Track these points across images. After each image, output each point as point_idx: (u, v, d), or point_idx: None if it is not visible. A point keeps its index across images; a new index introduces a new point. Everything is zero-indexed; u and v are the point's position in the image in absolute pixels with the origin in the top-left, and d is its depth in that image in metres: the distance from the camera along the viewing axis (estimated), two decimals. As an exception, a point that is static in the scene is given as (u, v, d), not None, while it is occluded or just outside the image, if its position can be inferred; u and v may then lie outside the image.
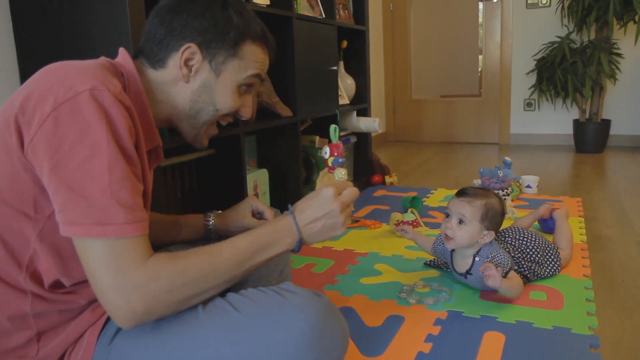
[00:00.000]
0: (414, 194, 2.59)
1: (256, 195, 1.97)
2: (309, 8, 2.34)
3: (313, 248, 1.89)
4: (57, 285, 0.84)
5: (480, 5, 4.47)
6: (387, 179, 2.94)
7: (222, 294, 0.88)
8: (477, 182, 2.60)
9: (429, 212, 2.33)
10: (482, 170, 2.62)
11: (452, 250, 1.48)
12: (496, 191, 2.46)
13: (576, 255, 1.71)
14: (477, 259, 1.41)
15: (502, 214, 1.43)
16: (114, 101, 0.76)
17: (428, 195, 2.66)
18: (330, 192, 0.93)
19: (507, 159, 2.68)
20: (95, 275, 0.74)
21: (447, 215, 1.43)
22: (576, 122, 3.97)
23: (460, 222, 1.39)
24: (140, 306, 0.75)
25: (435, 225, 2.12)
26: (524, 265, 1.48)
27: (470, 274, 1.43)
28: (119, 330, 0.84)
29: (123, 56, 0.92)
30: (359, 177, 2.90)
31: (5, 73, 1.41)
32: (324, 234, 0.94)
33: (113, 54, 0.93)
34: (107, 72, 0.83)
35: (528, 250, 1.52)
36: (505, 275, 1.37)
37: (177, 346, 0.81)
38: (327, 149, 1.07)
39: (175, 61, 0.92)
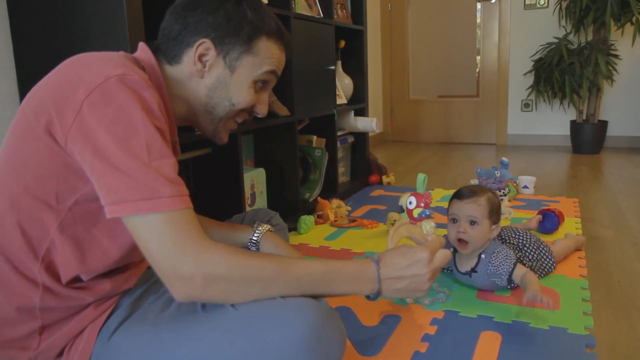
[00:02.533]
0: (411, 194, 2.59)
1: (253, 195, 1.96)
2: (307, 7, 2.34)
3: (310, 248, 1.89)
4: (73, 281, 0.84)
5: (478, 5, 4.48)
6: (385, 179, 2.95)
7: None
8: (474, 182, 2.60)
9: (426, 212, 2.33)
10: (479, 170, 2.62)
11: (455, 252, 1.48)
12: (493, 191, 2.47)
13: (573, 256, 1.72)
14: (482, 256, 1.42)
15: (500, 205, 1.45)
16: (144, 84, 0.78)
17: (425, 195, 2.66)
18: (425, 257, 0.90)
19: (504, 159, 2.69)
20: (152, 250, 0.74)
21: (454, 221, 1.42)
22: (573, 123, 3.98)
23: (472, 223, 1.39)
24: (198, 281, 0.75)
25: (432, 225, 2.12)
26: (525, 264, 1.48)
27: (476, 271, 1.43)
28: (118, 327, 0.85)
29: (143, 50, 0.93)
30: (357, 177, 2.91)
31: (2, 71, 1.41)
32: (404, 292, 0.92)
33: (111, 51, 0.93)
34: (131, 63, 0.84)
35: (525, 248, 1.52)
36: (513, 269, 1.37)
37: (174, 344, 0.81)
38: (412, 199, 0.99)
39: (189, 57, 0.93)
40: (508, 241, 1.53)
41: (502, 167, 2.67)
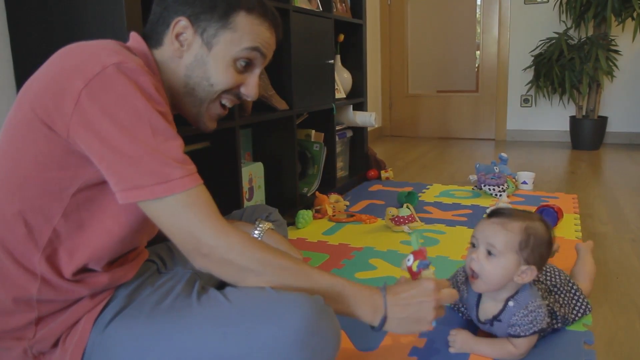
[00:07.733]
0: (409, 189, 2.59)
1: (251, 189, 1.96)
2: (306, 1, 2.33)
3: (308, 243, 1.89)
4: (79, 272, 0.84)
5: (478, 0, 4.46)
6: (383, 174, 2.94)
7: (220, 287, 0.88)
8: (473, 177, 2.60)
9: (424, 208, 2.33)
10: (478, 165, 2.62)
11: (479, 300, 1.15)
12: (492, 187, 2.46)
13: (571, 253, 1.71)
14: (510, 303, 1.08)
15: (550, 244, 1.08)
16: (140, 70, 0.78)
17: (424, 191, 2.66)
18: (432, 286, 0.93)
19: (504, 154, 2.68)
20: (173, 229, 0.79)
21: (473, 245, 1.09)
22: (573, 119, 3.97)
23: (489, 253, 1.05)
24: (214, 258, 0.80)
25: (431, 221, 2.12)
26: (556, 312, 1.19)
27: (499, 320, 1.09)
28: (113, 318, 0.86)
29: (135, 39, 0.93)
30: (355, 172, 2.90)
31: (-3, 63, 1.40)
32: (408, 322, 0.93)
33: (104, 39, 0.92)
34: (125, 50, 0.84)
35: (557, 290, 1.21)
36: (522, 335, 1.07)
37: (168, 335, 0.82)
38: (410, 257, 1.02)
39: (169, 38, 0.92)
40: (539, 280, 1.20)
41: (501, 162, 2.67)
